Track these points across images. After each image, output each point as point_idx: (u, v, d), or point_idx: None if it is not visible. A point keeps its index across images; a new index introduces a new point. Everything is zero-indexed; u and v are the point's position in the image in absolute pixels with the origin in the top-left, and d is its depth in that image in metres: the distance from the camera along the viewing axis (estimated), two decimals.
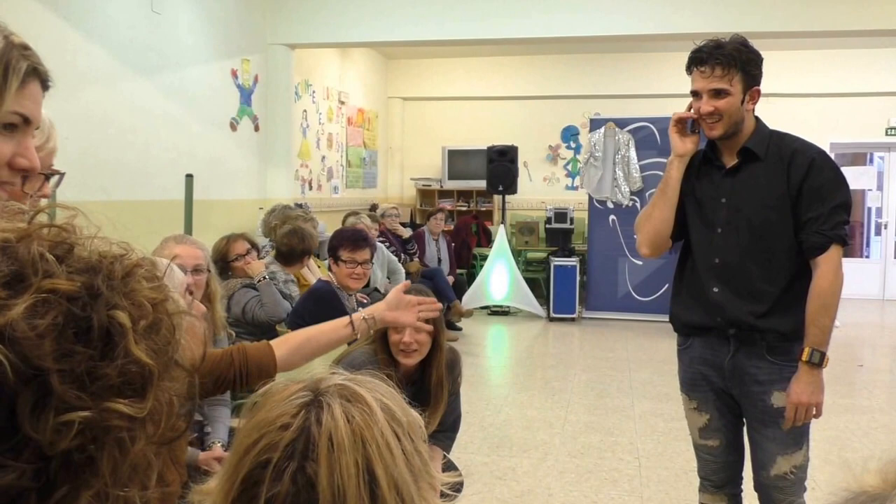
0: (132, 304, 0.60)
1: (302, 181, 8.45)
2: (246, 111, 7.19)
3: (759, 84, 2.34)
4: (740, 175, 2.35)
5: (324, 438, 0.77)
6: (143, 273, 0.64)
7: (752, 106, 2.34)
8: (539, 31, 7.16)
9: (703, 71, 2.30)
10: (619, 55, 10.38)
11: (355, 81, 10.15)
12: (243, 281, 4.07)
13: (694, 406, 2.50)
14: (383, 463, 0.77)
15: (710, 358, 2.42)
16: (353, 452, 0.77)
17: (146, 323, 0.61)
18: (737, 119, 2.30)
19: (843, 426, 4.93)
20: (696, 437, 2.53)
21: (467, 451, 4.26)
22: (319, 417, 0.79)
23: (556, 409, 5.19)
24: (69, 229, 0.62)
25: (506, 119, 11.08)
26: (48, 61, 4.25)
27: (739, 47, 2.30)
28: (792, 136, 2.38)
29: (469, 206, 11.19)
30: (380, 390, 0.85)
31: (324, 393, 0.81)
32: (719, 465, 2.50)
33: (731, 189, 2.35)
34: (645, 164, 8.60)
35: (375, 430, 0.79)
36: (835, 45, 9.48)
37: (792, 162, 2.27)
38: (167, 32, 5.91)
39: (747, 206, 2.32)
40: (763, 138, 2.34)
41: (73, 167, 4.61)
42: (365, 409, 0.80)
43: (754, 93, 2.32)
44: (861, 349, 7.62)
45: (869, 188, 10.65)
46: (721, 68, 2.26)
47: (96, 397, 0.56)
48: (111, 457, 0.58)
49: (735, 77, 2.27)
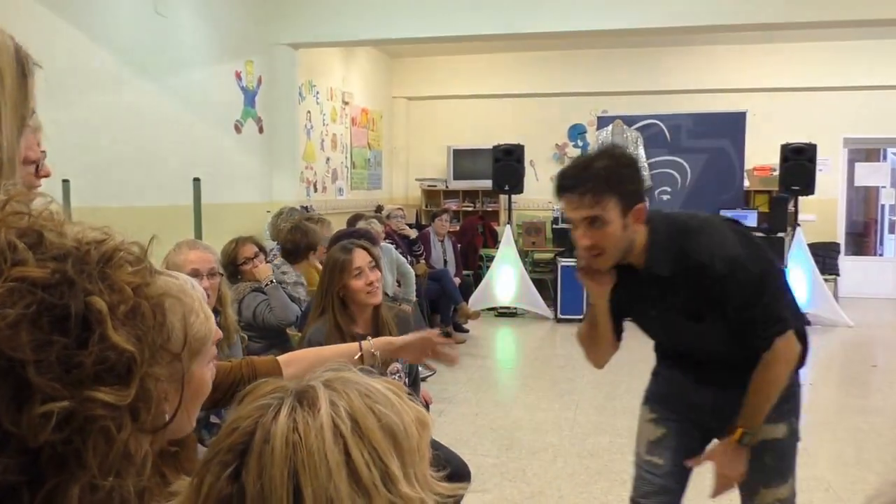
0: (111, 290, 0.59)
1: (307, 183, 8.42)
2: (250, 113, 7.17)
3: (643, 200, 2.03)
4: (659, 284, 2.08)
5: (259, 442, 0.75)
6: (123, 257, 0.62)
7: (638, 226, 2.03)
8: (544, 26, 7.11)
9: (571, 200, 1.98)
10: (626, 51, 10.28)
11: (359, 81, 10.11)
12: (252, 285, 4.09)
13: (652, 417, 2.33)
14: (313, 476, 0.73)
15: (691, 387, 2.27)
16: (282, 461, 0.73)
17: (126, 308, 0.59)
18: (622, 247, 2.02)
19: (857, 426, 4.87)
20: (641, 451, 2.33)
21: (477, 453, 4.24)
22: (266, 422, 0.76)
23: (565, 411, 5.16)
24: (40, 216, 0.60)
25: (512, 117, 11.00)
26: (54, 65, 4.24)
27: (609, 166, 1.98)
28: (694, 245, 2.03)
29: (475, 206, 11.12)
30: (354, 396, 0.79)
31: (288, 396, 0.78)
32: (657, 488, 2.28)
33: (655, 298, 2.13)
34: (654, 163, 8.54)
35: (312, 438, 0.74)
36: (848, 37, 9.34)
37: (703, 279, 2.00)
38: (171, 35, 5.90)
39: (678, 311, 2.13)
40: (662, 254, 2.05)
41: (81, 173, 4.62)
42: (309, 418, 0.76)
43: (637, 213, 2.01)
44: (875, 349, 7.53)
45: (882, 185, 10.51)
46: (591, 196, 1.95)
47: (75, 387, 0.55)
48: (97, 447, 0.57)
49: (609, 202, 1.95)
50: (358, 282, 2.71)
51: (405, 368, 2.84)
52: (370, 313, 2.78)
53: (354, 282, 2.71)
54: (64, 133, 4.63)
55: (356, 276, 2.71)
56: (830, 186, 9.97)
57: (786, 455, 2.21)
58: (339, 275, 2.73)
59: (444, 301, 7.42)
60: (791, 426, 2.20)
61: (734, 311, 2.03)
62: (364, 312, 2.77)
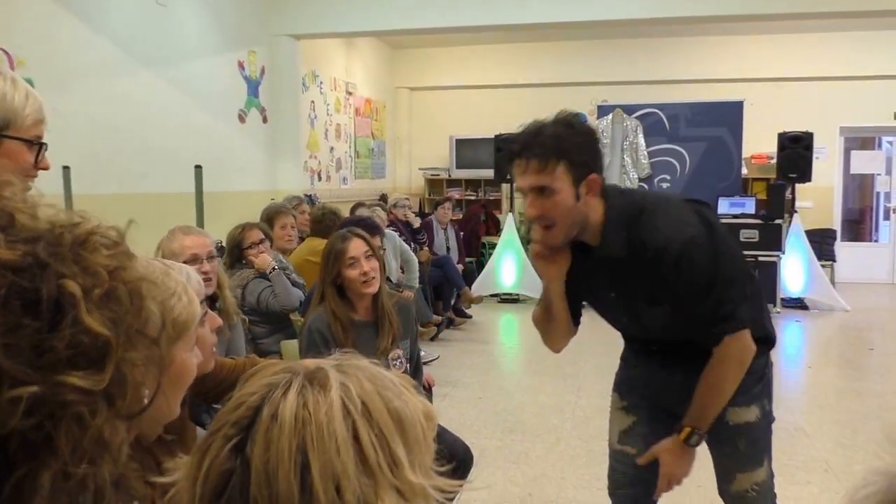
0: (85, 273, 0.57)
1: (311, 172, 8.48)
2: (254, 103, 7.22)
3: (596, 171, 1.90)
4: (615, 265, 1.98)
5: (267, 417, 0.75)
6: (99, 240, 0.60)
7: (592, 198, 1.90)
8: (545, 17, 7.17)
9: (520, 165, 1.87)
10: (626, 41, 10.34)
11: (362, 72, 10.16)
12: (256, 271, 4.10)
13: (623, 405, 2.25)
14: (321, 451, 0.73)
15: (658, 371, 2.18)
16: (291, 435, 0.73)
17: (101, 292, 0.57)
18: (575, 220, 1.89)
19: (854, 409, 4.94)
20: (613, 441, 2.26)
21: (481, 437, 4.30)
22: (275, 398, 0.76)
23: (568, 394, 5.22)
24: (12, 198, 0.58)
25: (513, 107, 11.01)
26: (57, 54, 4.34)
27: (561, 132, 1.85)
28: (649, 226, 1.91)
29: (477, 195, 11.19)
30: (364, 379, 0.79)
31: (297, 375, 0.79)
32: (630, 479, 2.21)
33: (612, 280, 2.03)
34: (653, 151, 8.60)
35: (322, 415, 0.74)
36: (843, 27, 9.42)
37: (658, 262, 1.88)
38: (173, 25, 5.94)
39: (636, 295, 2.02)
40: (617, 234, 1.93)
41: (83, 161, 4.65)
42: (319, 396, 0.76)
43: (590, 183, 1.88)
44: (871, 333, 7.61)
45: (878, 173, 10.59)
46: (538, 161, 1.83)
47: (47, 371, 0.54)
48: (69, 433, 0.55)
49: (557, 169, 1.83)
50: (353, 271, 2.70)
51: (406, 354, 2.85)
52: (370, 301, 2.77)
53: (349, 271, 2.70)
54: (66, 121, 4.67)
55: (350, 265, 2.70)
56: (827, 174, 10.08)
57: (759, 438, 2.12)
58: (334, 263, 2.73)
59: (446, 287, 7.50)
60: (763, 408, 2.11)
61: (685, 298, 1.91)
62: (363, 300, 2.76)
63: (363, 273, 2.70)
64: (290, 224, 4.91)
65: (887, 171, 10.56)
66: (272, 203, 5.47)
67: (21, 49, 4.44)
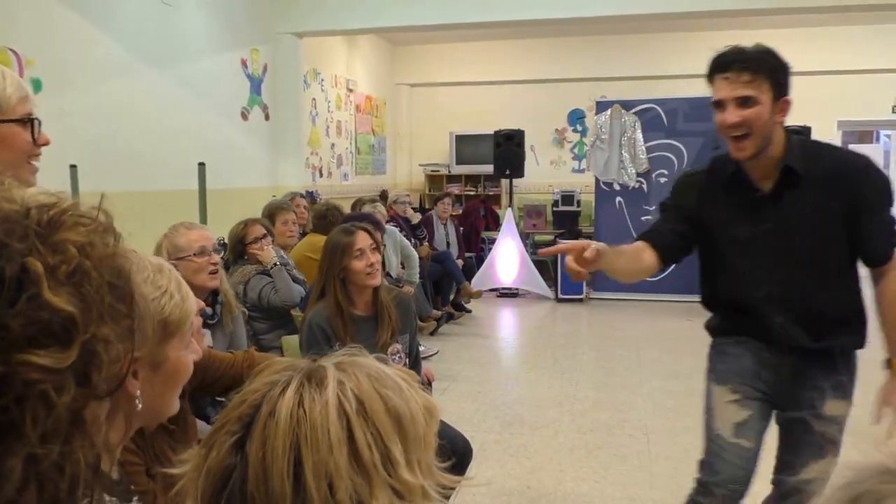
0: (53, 251, 0.57)
1: (312, 169, 8.55)
2: (256, 100, 7.28)
3: (789, 95, 2.08)
4: (785, 200, 2.09)
5: (265, 414, 0.76)
6: (73, 219, 0.60)
7: (782, 118, 2.07)
8: (544, 13, 7.21)
9: (727, 77, 2.04)
10: (624, 37, 10.39)
11: (362, 69, 10.22)
12: (258, 267, 4.16)
13: (735, 399, 2.22)
14: (314, 449, 0.74)
15: (767, 358, 2.21)
16: (286, 433, 0.75)
17: (69, 269, 0.57)
18: (766, 133, 2.04)
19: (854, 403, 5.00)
20: (726, 434, 2.20)
21: (480, 430, 4.37)
22: (273, 395, 0.78)
23: (566, 388, 5.28)
24: None
25: (512, 103, 11.12)
26: (61, 53, 4.41)
27: (765, 53, 2.06)
28: (828, 147, 2.17)
29: (477, 190, 11.27)
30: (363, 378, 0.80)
31: (297, 373, 0.80)
32: (746, 474, 2.20)
33: (776, 216, 2.11)
34: (651, 146, 8.65)
35: (317, 414, 0.75)
36: (841, 21, 9.46)
37: (839, 177, 2.04)
38: (177, 23, 6.00)
39: (798, 232, 2.09)
40: (799, 153, 2.08)
41: (88, 158, 4.72)
42: (315, 394, 0.77)
43: (784, 104, 2.06)
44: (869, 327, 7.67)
45: None
46: (748, 73, 2.01)
47: (6, 350, 0.53)
48: (34, 414, 0.54)
49: (763, 84, 2.02)
50: (359, 263, 2.75)
51: (405, 349, 2.88)
52: (370, 295, 2.81)
53: (356, 262, 2.74)
54: (73, 120, 4.74)
55: (357, 257, 2.75)
56: None
57: (842, 431, 2.18)
58: (340, 256, 2.76)
59: (446, 282, 7.57)
60: (850, 405, 2.19)
61: (861, 210, 2.04)
62: (363, 294, 2.80)
63: (370, 264, 2.76)
64: (291, 220, 4.97)
65: (885, 164, 10.64)
66: (273, 199, 5.54)
67: (29, 49, 4.50)
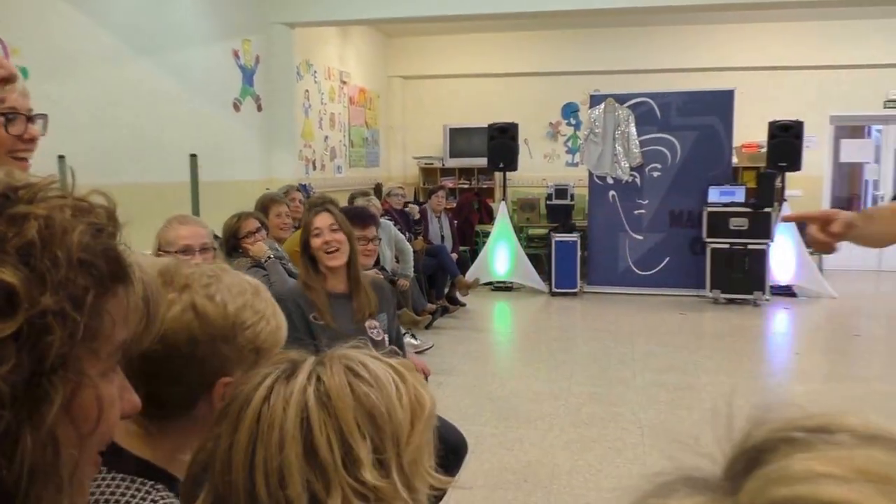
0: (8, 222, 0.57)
1: (306, 161, 8.51)
2: (248, 91, 7.24)
3: None
4: None
5: (236, 407, 0.78)
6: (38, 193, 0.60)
7: None
8: (538, 6, 7.20)
9: None
10: (618, 30, 10.39)
11: (356, 61, 10.17)
12: (252, 261, 4.15)
13: None
14: (266, 444, 0.74)
15: None
16: (251, 427, 0.76)
17: (21, 241, 0.56)
18: None
19: (840, 395, 5.03)
20: None
21: (476, 423, 4.37)
22: (249, 390, 0.79)
23: (560, 381, 5.30)
24: None
25: (506, 96, 11.10)
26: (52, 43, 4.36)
27: None
28: None
29: (471, 183, 11.25)
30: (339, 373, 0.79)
31: (278, 368, 0.81)
32: None
33: None
34: (644, 140, 8.66)
35: (278, 409, 0.75)
36: (834, 16, 9.49)
37: None
38: (169, 14, 5.95)
39: None
40: None
41: (80, 150, 4.68)
42: (282, 389, 0.77)
43: None
44: (857, 319, 7.74)
45: (867, 161, 10.71)
46: None
47: None
48: None
49: None
50: (316, 240, 2.85)
51: (383, 326, 2.93)
52: (343, 273, 2.90)
53: (314, 240, 2.85)
54: (61, 111, 4.68)
55: (316, 235, 2.85)
56: (817, 163, 10.19)
57: None
58: (304, 234, 2.90)
59: (440, 275, 7.57)
60: None
61: None
62: (335, 273, 2.89)
63: (325, 242, 2.84)
64: (284, 213, 4.96)
65: (876, 159, 10.67)
66: (267, 192, 5.52)
67: (15, 38, 4.42)
